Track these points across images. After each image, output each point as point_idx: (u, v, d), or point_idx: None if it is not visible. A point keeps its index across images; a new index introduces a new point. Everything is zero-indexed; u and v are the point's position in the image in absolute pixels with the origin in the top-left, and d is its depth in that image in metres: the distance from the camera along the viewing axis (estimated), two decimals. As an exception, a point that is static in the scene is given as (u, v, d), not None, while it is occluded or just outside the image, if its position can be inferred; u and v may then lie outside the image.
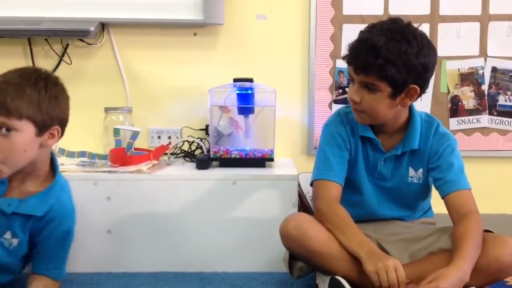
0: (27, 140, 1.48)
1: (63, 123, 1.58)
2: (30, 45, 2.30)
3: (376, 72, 1.52)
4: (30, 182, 1.57)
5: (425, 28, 2.28)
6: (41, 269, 1.60)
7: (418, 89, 1.56)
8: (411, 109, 1.68)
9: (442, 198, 1.62)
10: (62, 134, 1.58)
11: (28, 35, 2.26)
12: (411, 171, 1.70)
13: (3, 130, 1.44)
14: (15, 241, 1.56)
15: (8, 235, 1.55)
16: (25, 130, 1.47)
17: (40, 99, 1.49)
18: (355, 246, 1.51)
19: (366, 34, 1.55)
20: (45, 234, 1.58)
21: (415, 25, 1.59)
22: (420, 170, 1.69)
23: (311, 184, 1.73)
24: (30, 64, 2.29)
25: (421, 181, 1.70)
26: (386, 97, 1.56)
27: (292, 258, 1.69)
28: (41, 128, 1.50)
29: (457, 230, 1.52)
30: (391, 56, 1.50)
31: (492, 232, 1.58)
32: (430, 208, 1.82)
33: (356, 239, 1.53)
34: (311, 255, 1.55)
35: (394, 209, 1.74)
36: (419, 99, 1.62)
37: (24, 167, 1.52)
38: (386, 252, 1.65)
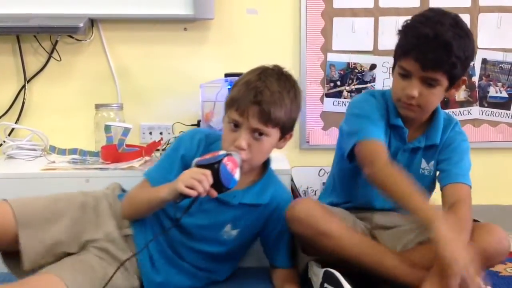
0: (272, 144, 1.56)
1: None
2: (18, 42, 2.28)
3: (447, 69, 1.52)
4: (246, 175, 1.58)
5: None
6: (280, 261, 1.70)
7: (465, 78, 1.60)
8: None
9: (441, 188, 1.62)
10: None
11: (17, 32, 2.24)
12: (423, 163, 1.70)
13: (257, 134, 1.50)
14: (234, 232, 1.63)
15: (228, 228, 1.62)
16: (273, 136, 1.54)
17: (292, 107, 1.55)
18: (423, 214, 1.44)
19: (430, 29, 1.51)
20: (275, 225, 1.66)
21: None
22: (432, 163, 1.70)
23: (350, 152, 1.63)
24: (19, 61, 2.28)
25: (431, 174, 1.71)
26: (443, 91, 1.58)
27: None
28: (284, 133, 1.57)
29: (448, 215, 1.51)
30: (462, 54, 1.51)
31: (478, 221, 1.59)
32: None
33: (425, 207, 1.45)
34: (320, 236, 1.53)
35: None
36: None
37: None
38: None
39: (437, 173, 1.69)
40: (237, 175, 1.45)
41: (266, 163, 1.66)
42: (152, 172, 1.62)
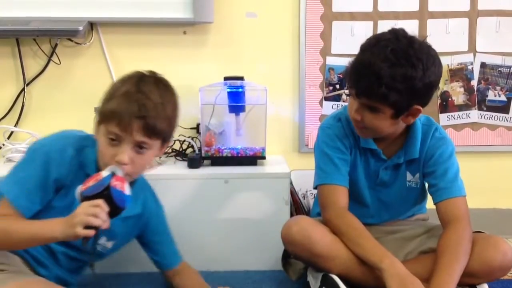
0: (153, 155, 1.49)
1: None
2: (18, 45, 2.28)
3: (378, 98, 1.46)
4: None
5: (413, 24, 2.29)
6: (171, 261, 1.72)
7: (421, 108, 1.52)
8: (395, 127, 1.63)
9: (434, 204, 1.61)
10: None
11: (16, 35, 2.24)
12: (409, 176, 1.69)
13: (138, 148, 1.42)
14: (109, 244, 1.59)
15: (103, 240, 1.56)
16: (155, 147, 1.47)
17: (174, 116, 1.51)
18: (374, 258, 1.47)
19: (369, 57, 1.46)
20: (153, 230, 1.66)
21: (420, 38, 1.50)
22: (417, 175, 1.68)
23: (315, 188, 1.69)
24: (19, 64, 2.28)
25: (418, 185, 1.69)
26: (388, 118, 1.51)
27: (287, 258, 1.70)
28: (165, 141, 1.50)
29: (442, 240, 1.51)
30: (394, 84, 1.43)
31: (483, 232, 1.58)
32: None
33: (373, 250, 1.49)
34: (316, 258, 1.54)
35: (392, 213, 1.74)
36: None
37: None
38: None
39: (426, 185, 1.68)
40: (127, 190, 1.36)
41: None
42: (20, 199, 1.42)
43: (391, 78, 1.43)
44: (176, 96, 1.54)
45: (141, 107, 1.40)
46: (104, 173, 1.35)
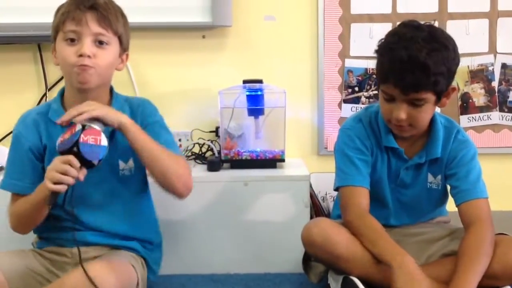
0: (115, 56, 1.54)
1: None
2: (40, 51, 2.31)
3: (430, 88, 1.48)
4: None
5: (433, 25, 2.28)
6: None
7: (456, 87, 1.56)
8: (432, 115, 1.64)
9: (456, 206, 1.60)
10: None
11: (38, 41, 2.27)
12: (430, 177, 1.68)
13: (98, 42, 1.49)
14: (131, 163, 1.59)
15: (122, 164, 1.58)
16: (115, 45, 1.53)
17: (123, 16, 1.58)
18: (388, 256, 1.47)
19: (405, 52, 1.47)
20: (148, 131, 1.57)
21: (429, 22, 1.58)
22: (439, 177, 1.67)
23: (336, 189, 1.69)
24: (40, 69, 2.31)
25: (440, 187, 1.68)
26: (431, 106, 1.54)
27: (308, 260, 1.70)
28: (123, 48, 1.58)
29: (463, 241, 1.51)
30: (440, 69, 1.47)
31: (506, 234, 1.57)
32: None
33: (389, 249, 1.49)
34: (336, 260, 1.54)
35: (413, 215, 1.73)
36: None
37: (93, 90, 1.51)
38: None
39: (449, 187, 1.67)
40: (103, 141, 1.37)
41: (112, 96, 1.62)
42: (8, 183, 1.55)
43: (435, 64, 1.46)
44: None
45: (90, 0, 1.49)
46: (77, 126, 1.37)
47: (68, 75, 1.51)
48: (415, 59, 1.46)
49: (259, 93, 2.14)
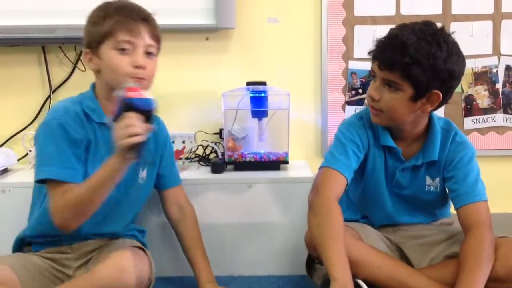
0: (157, 65, 1.59)
1: None
2: (44, 53, 2.32)
3: (400, 69, 1.47)
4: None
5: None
6: (172, 181, 1.79)
7: (441, 95, 1.50)
8: (430, 117, 1.63)
9: (456, 210, 1.59)
10: None
11: (42, 43, 2.27)
12: (428, 180, 1.67)
13: (146, 54, 1.53)
14: (144, 174, 1.66)
15: (142, 173, 1.66)
16: (158, 55, 1.59)
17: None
18: (331, 266, 1.42)
19: (396, 31, 1.51)
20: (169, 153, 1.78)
21: (449, 32, 1.54)
22: (437, 179, 1.66)
23: (320, 168, 1.65)
24: (44, 72, 2.32)
25: (438, 190, 1.67)
26: (406, 99, 1.51)
27: (311, 263, 1.69)
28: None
29: (463, 246, 1.50)
30: (418, 56, 1.45)
31: (508, 237, 1.55)
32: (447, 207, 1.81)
33: (336, 259, 1.44)
34: None
35: (413, 216, 1.72)
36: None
37: None
38: (406, 256, 1.65)
39: (447, 190, 1.66)
40: (146, 94, 1.40)
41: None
42: (56, 172, 1.45)
43: (416, 49, 1.45)
44: None
45: (143, 11, 1.53)
46: (119, 93, 1.38)
47: (117, 83, 1.48)
48: (401, 38, 1.47)
49: (262, 95, 2.14)
